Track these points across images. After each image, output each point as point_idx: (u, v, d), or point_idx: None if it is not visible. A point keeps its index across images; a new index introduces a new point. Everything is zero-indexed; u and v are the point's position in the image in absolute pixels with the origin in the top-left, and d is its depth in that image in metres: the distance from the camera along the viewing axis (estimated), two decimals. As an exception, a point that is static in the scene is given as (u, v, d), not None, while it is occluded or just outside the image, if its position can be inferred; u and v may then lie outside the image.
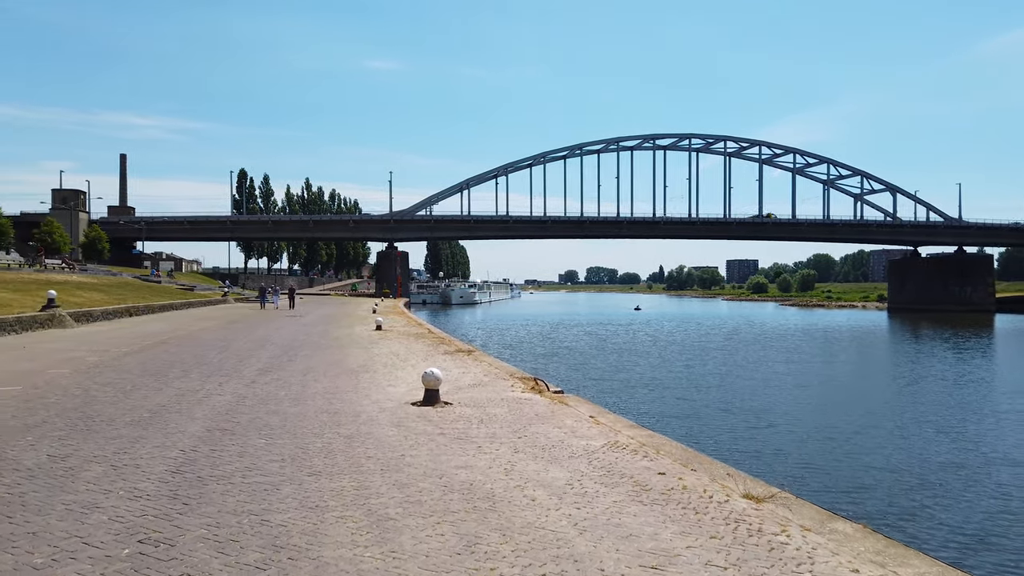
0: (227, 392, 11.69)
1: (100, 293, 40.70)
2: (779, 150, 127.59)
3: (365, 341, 22.76)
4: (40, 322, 25.05)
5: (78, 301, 33.48)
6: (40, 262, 55.93)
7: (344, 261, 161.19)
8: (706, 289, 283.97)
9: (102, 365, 15.06)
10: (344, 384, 12.89)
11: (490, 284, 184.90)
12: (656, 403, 25.60)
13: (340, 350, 19.57)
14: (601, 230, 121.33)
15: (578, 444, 8.15)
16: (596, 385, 29.82)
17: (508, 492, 6.22)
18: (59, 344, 19.88)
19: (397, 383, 13.10)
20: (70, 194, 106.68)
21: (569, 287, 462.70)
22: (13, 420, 9.01)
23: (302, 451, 7.66)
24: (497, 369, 15.63)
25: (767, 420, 22.37)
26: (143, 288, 55.58)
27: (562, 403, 11.07)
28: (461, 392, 12.02)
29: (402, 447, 7.90)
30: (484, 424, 9.27)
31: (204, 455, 7.38)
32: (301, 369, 15.04)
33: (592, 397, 23.15)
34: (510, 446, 8.03)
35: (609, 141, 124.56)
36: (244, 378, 13.48)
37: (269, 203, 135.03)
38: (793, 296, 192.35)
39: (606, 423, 9.52)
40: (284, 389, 12.16)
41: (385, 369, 15.27)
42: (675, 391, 28.73)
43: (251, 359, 16.88)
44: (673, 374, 34.38)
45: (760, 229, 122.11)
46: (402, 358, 17.60)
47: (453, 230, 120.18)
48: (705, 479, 6.75)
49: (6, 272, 42.54)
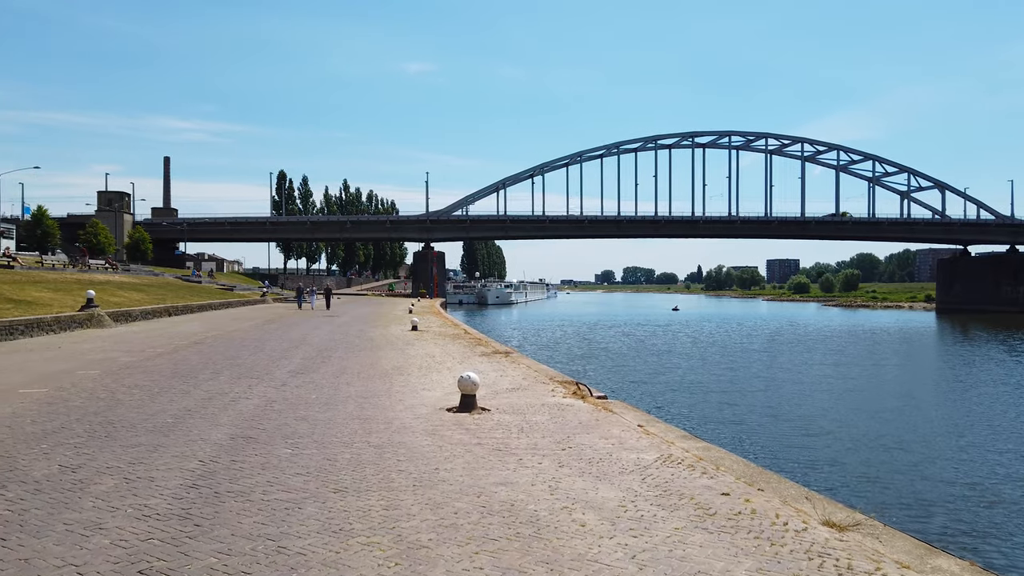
0: (256, 396, 11.22)
1: (140, 293, 41.03)
2: (822, 147, 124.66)
3: (400, 342, 22.28)
4: (79, 322, 25.08)
5: (118, 301, 33.67)
6: (84, 263, 56.77)
7: (381, 261, 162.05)
8: (745, 289, 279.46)
9: (133, 366, 14.76)
10: (377, 387, 12.35)
11: (526, 284, 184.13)
12: (700, 408, 24.67)
13: (375, 351, 19.09)
14: (639, 230, 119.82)
15: (628, 458, 7.44)
16: (636, 389, 28.97)
17: (554, 515, 5.55)
18: (94, 344, 19.75)
19: (432, 387, 12.52)
20: (115, 196, 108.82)
21: (605, 287, 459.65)
22: (32, 426, 8.61)
23: (329, 463, 7.09)
24: (536, 372, 14.96)
25: (820, 427, 21.31)
26: (183, 288, 56.12)
27: (607, 410, 10.36)
28: (499, 397, 11.38)
29: (436, 459, 7.28)
30: (524, 433, 8.61)
31: (224, 467, 6.84)
32: (334, 371, 14.56)
33: (634, 402, 22.37)
34: (554, 459, 7.35)
35: (647, 139, 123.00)
36: (275, 380, 13.03)
37: (308, 204, 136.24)
38: (836, 296, 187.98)
39: (656, 433, 8.79)
40: (315, 392, 11.65)
41: (420, 372, 14.71)
42: (719, 395, 27.73)
43: (284, 360, 16.46)
44: (716, 377, 33.33)
45: (802, 228, 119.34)
46: (438, 360, 17.04)
47: (489, 230, 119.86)
48: (776, 501, 6.00)
49: (49, 272, 43.14)
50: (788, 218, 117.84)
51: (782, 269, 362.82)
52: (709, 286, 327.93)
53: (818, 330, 70.88)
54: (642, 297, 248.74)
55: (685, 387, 29.59)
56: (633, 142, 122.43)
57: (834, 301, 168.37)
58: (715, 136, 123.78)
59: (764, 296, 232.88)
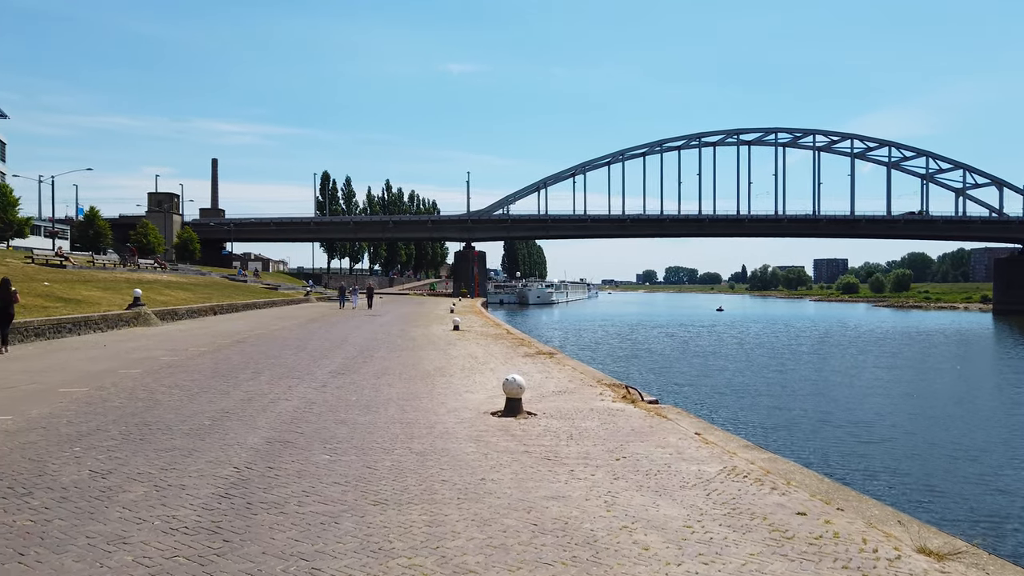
0: (296, 397, 10.92)
1: (187, 292, 41.57)
2: (873, 143, 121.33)
3: (442, 342, 21.94)
4: (125, 320, 25.33)
5: (164, 300, 34.08)
6: (133, 262, 57.91)
7: (423, 261, 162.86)
8: (792, 289, 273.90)
9: (175, 365, 14.64)
10: (419, 389, 11.96)
11: (567, 284, 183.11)
12: (752, 413, 23.81)
13: (416, 351, 18.76)
14: (682, 229, 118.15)
15: (689, 470, 6.88)
16: (682, 392, 28.19)
17: (612, 536, 5.03)
18: (139, 342, 19.82)
19: (475, 389, 12.08)
20: (164, 197, 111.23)
21: (647, 287, 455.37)
22: (67, 427, 8.40)
23: (369, 471, 6.68)
24: (582, 374, 14.42)
25: (881, 435, 20.32)
26: (229, 287, 56.87)
27: (660, 416, 9.78)
28: (545, 401, 10.89)
29: (482, 468, 6.82)
30: (575, 441, 8.10)
31: (259, 474, 6.48)
32: (375, 372, 14.23)
33: (682, 406, 21.67)
34: (608, 470, 6.83)
35: (690, 137, 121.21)
36: (316, 381, 12.73)
37: (351, 204, 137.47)
38: (887, 297, 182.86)
39: (716, 442, 8.20)
40: (356, 394, 11.31)
41: (462, 373, 14.29)
42: (769, 399, 26.80)
43: (326, 360, 16.22)
44: (764, 380, 32.31)
45: (852, 226, 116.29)
46: (480, 361, 16.62)
47: (530, 230, 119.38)
48: (859, 523, 5.39)
49: (100, 271, 44.02)
50: (837, 216, 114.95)
51: (830, 269, 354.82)
52: (754, 286, 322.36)
53: (869, 331, 68.77)
54: (685, 297, 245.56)
55: (734, 391, 28.70)
56: (676, 140, 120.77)
57: (885, 302, 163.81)
58: (761, 133, 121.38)
59: (811, 296, 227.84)
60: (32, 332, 19.38)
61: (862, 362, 40.55)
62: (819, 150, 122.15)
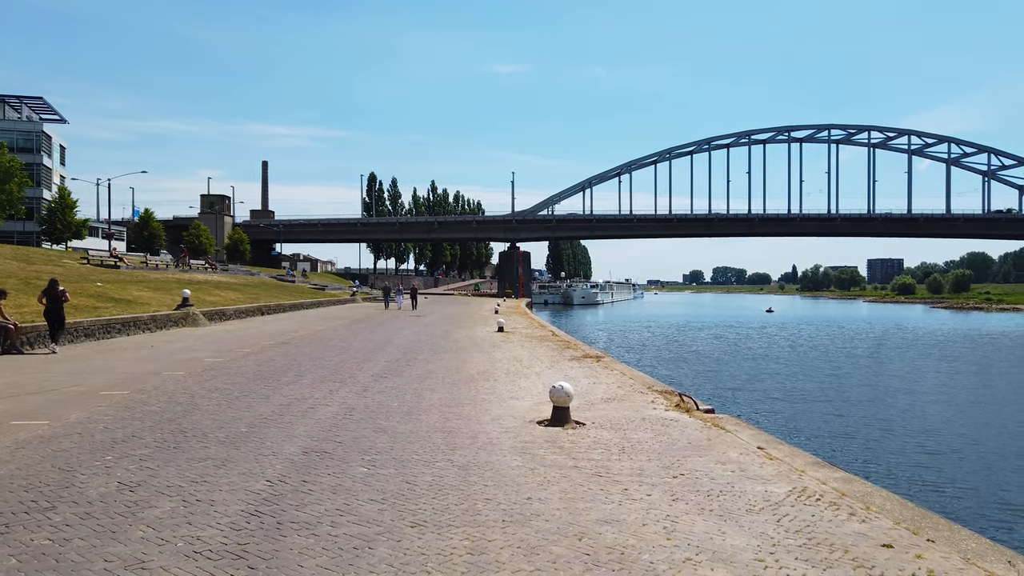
0: (336, 402, 10.60)
1: (236, 292, 42.06)
2: (931, 139, 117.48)
3: (486, 344, 21.54)
4: (174, 320, 25.56)
5: (213, 300, 34.45)
6: (185, 263, 59.05)
7: (468, 261, 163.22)
8: (844, 290, 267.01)
9: (218, 367, 14.52)
10: (462, 395, 11.54)
11: (612, 284, 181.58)
12: (807, 420, 22.85)
13: (460, 354, 18.39)
14: (731, 228, 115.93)
15: (754, 491, 6.30)
16: (733, 397, 27.30)
17: (675, 570, 4.50)
18: (185, 343, 19.87)
19: (520, 395, 11.61)
20: (216, 199, 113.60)
21: (694, 288, 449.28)
22: (103, 433, 8.19)
23: (408, 486, 6.27)
24: (632, 379, 13.84)
25: (948, 446, 19.23)
26: (277, 288, 57.55)
27: (718, 427, 9.18)
28: (594, 409, 10.36)
29: (528, 485, 6.35)
30: (627, 455, 7.57)
31: (291, 489, 6.12)
32: (418, 375, 13.88)
33: (732, 411, 20.87)
34: (665, 490, 6.29)
35: (739, 135, 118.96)
36: (357, 385, 12.43)
37: (396, 205, 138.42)
38: (945, 298, 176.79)
39: (781, 458, 7.57)
40: (397, 399, 10.95)
41: (507, 377, 13.84)
42: (826, 405, 25.74)
43: (368, 363, 15.94)
44: (819, 385, 31.15)
45: (909, 225, 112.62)
46: (525, 364, 16.15)
47: (574, 230, 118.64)
48: (955, 558, 4.75)
49: (152, 272, 44.89)
50: (893, 215, 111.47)
51: (884, 269, 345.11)
52: (805, 287, 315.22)
53: (929, 334, 66.28)
54: (733, 298, 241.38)
55: (787, 396, 27.68)
56: (725, 138, 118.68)
57: (943, 303, 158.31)
58: (813, 130, 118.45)
59: (865, 297, 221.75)
60: (82, 332, 19.58)
61: (922, 367, 38.92)
62: (874, 147, 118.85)
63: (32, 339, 17.42)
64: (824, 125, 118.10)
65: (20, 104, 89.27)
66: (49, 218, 65.97)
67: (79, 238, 68.67)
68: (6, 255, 36.67)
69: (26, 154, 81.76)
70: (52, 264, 37.15)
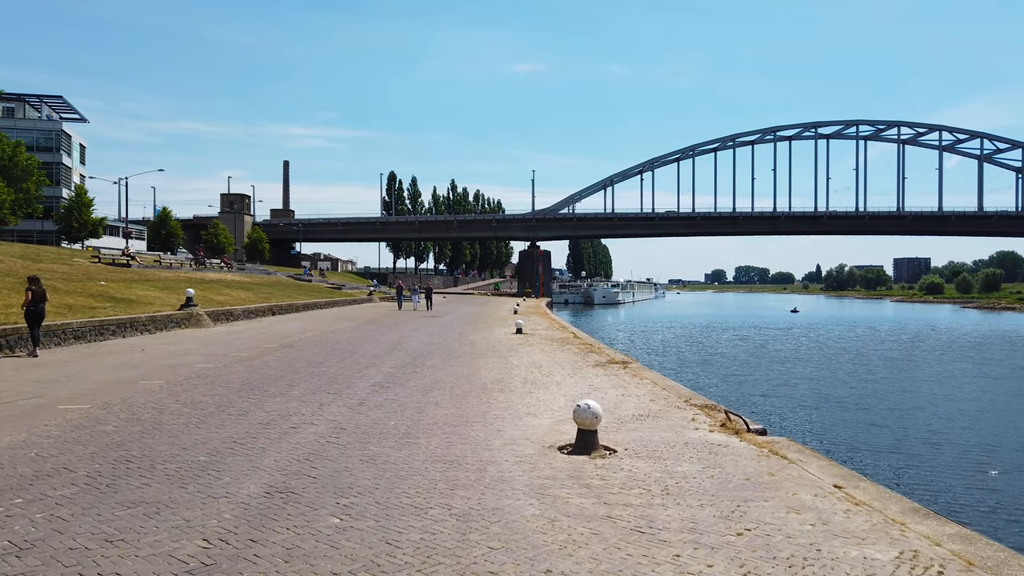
0: (324, 420, 9.13)
1: (248, 292, 40.93)
2: (963, 135, 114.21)
3: (503, 347, 20.02)
4: (176, 321, 24.32)
5: (222, 300, 33.28)
6: (201, 261, 58.29)
7: (487, 261, 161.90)
8: (870, 290, 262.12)
9: (204, 375, 13.13)
10: (471, 410, 10.03)
11: (633, 284, 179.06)
12: (846, 430, 21.05)
13: (474, 359, 16.89)
14: (756, 226, 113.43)
15: (850, 558, 4.70)
16: (763, 405, 25.56)
17: None
18: (180, 346, 18.56)
19: (539, 411, 10.08)
20: (236, 198, 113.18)
21: (716, 287, 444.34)
22: (30, 463, 6.76)
23: (388, 547, 4.75)
24: (665, 390, 12.24)
25: (1017, 464, 17.38)
26: (292, 287, 56.47)
27: (777, 456, 7.57)
28: (625, 429, 8.80)
29: (547, 549, 4.80)
30: (673, 498, 6.00)
31: (232, 554, 4.61)
32: (424, 385, 12.39)
33: (760, 418, 19.22)
34: (729, 555, 4.72)
35: (765, 131, 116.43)
36: (353, 397, 10.96)
37: (416, 204, 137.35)
38: (975, 298, 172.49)
39: (869, 502, 5.96)
40: (396, 416, 9.46)
41: (524, 387, 12.31)
42: (865, 414, 23.90)
43: (371, 369, 14.49)
44: (856, 391, 29.24)
45: (940, 223, 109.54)
46: (545, 372, 14.60)
47: (596, 228, 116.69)
48: None
49: (164, 271, 43.90)
50: (924, 212, 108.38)
51: (911, 268, 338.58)
52: (829, 286, 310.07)
53: (964, 335, 63.76)
54: (756, 298, 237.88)
55: (823, 404, 25.84)
56: (750, 134, 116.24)
57: (973, 303, 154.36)
58: (840, 126, 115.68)
59: (892, 297, 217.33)
60: (71, 335, 18.33)
61: (962, 371, 36.80)
62: (904, 143, 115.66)
63: (13, 342, 16.16)
64: (852, 121, 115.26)
65: (40, 103, 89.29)
66: (66, 217, 65.44)
67: (96, 237, 68.08)
68: (14, 253, 35.78)
69: (45, 153, 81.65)
70: (61, 263, 36.21)
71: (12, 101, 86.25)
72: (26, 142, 73.57)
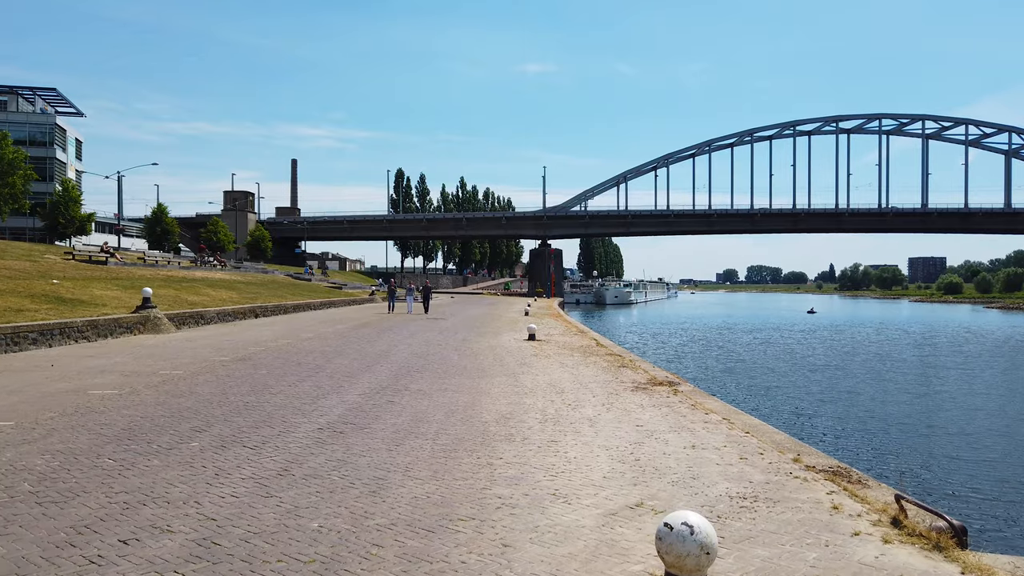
0: (193, 519, 5.28)
1: (232, 292, 37.21)
2: (990, 129, 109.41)
3: (513, 360, 16.16)
4: (126, 326, 20.56)
5: (196, 301, 29.55)
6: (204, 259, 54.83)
7: (497, 260, 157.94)
8: (886, 289, 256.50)
9: (80, 413, 9.28)
10: (458, 484, 6.16)
11: (645, 283, 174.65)
12: (920, 461, 16.96)
13: (475, 379, 13.02)
14: (775, 224, 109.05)
15: None
16: (813, 424, 21.59)
17: None
18: (106, 360, 14.78)
19: (572, 487, 6.17)
20: (239, 195, 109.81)
21: (728, 287, 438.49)
22: None
23: None
24: (749, 434, 8.31)
25: None
26: (288, 286, 52.83)
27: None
28: (731, 539, 4.91)
29: None
30: None
31: None
32: (397, 428, 8.54)
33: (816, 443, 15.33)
34: None
35: (784, 125, 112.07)
36: (280, 455, 7.13)
37: (424, 202, 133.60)
38: (996, 298, 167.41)
39: None
40: (327, 505, 5.60)
41: (543, 430, 8.44)
42: (940, 441, 19.89)
43: (332, 397, 10.66)
44: (918, 409, 25.18)
45: (966, 220, 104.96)
46: (570, 400, 10.72)
47: (609, 226, 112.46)
48: None
49: (144, 268, 40.19)
50: (950, 209, 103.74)
51: (926, 268, 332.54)
52: (843, 286, 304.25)
53: (1007, 339, 59.38)
54: (769, 297, 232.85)
55: (889, 429, 21.78)
56: (768, 128, 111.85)
57: (995, 303, 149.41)
58: (863, 120, 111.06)
59: (910, 297, 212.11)
60: (-31, 345, 14.58)
61: None
62: (928, 138, 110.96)
63: None
64: (875, 115, 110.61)
65: (34, 96, 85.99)
66: (52, 212, 61.95)
67: (84, 233, 64.56)
68: (-26, 249, 32.22)
69: (38, 147, 78.46)
70: (27, 259, 32.63)
71: (4, 94, 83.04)
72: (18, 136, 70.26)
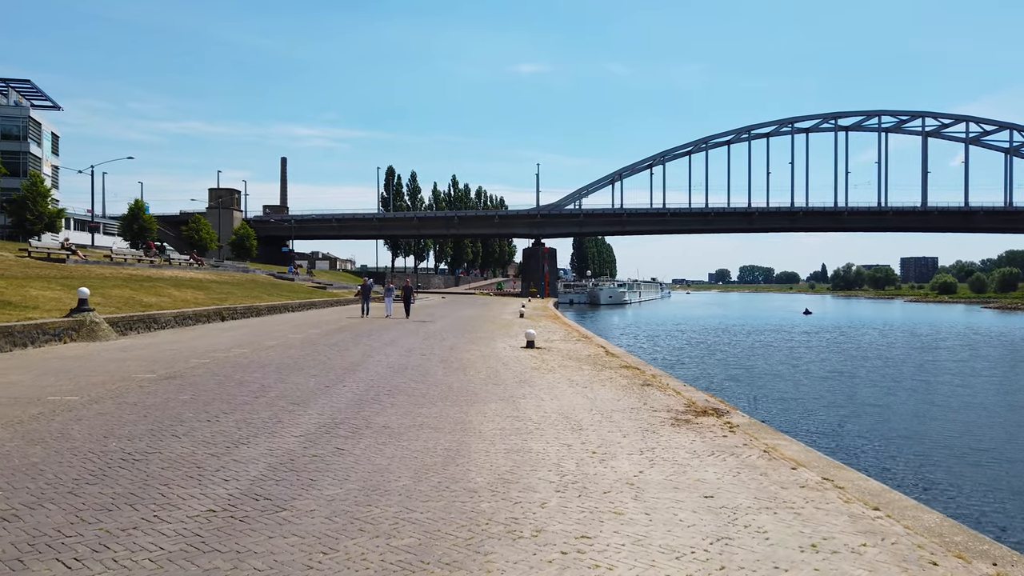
0: None
1: (202, 292, 34.17)
2: (991, 126, 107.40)
3: (511, 376, 13.29)
4: (53, 332, 17.55)
5: (153, 302, 26.51)
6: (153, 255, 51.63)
7: (490, 259, 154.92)
8: (879, 289, 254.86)
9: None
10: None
11: (639, 283, 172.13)
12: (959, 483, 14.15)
13: (462, 406, 10.14)
14: (772, 222, 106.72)
15: None
16: (840, 440, 18.84)
17: None
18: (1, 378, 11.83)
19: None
20: (225, 193, 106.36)
21: (721, 287, 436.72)
22: None
23: None
24: (897, 520, 5.52)
25: None
26: (267, 286, 49.77)
27: None
28: None
29: None
30: None
31: None
32: (329, 512, 5.65)
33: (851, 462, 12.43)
34: None
35: (781, 122, 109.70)
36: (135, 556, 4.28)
37: (416, 201, 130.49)
38: (991, 298, 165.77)
39: None
40: None
41: (562, 508, 5.56)
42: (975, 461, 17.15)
43: (258, 441, 7.74)
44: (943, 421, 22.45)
45: (967, 219, 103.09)
46: (594, 446, 7.81)
47: (604, 224, 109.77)
48: None
49: (105, 267, 37.04)
50: (950, 208, 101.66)
51: (918, 268, 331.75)
52: (836, 286, 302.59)
53: (1015, 340, 56.95)
54: (763, 298, 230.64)
55: (934, 451, 19.02)
56: (765, 125, 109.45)
57: (991, 303, 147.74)
58: (861, 117, 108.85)
59: (904, 297, 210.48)
60: None
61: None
62: (927, 135, 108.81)
63: None
64: (873, 111, 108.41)
65: (8, 88, 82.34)
66: (18, 208, 58.53)
67: (54, 230, 61.15)
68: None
69: (11, 141, 75.14)
70: (-27, 257, 29.58)
71: (-26, 86, 79.60)
72: (-13, 128, 66.75)
